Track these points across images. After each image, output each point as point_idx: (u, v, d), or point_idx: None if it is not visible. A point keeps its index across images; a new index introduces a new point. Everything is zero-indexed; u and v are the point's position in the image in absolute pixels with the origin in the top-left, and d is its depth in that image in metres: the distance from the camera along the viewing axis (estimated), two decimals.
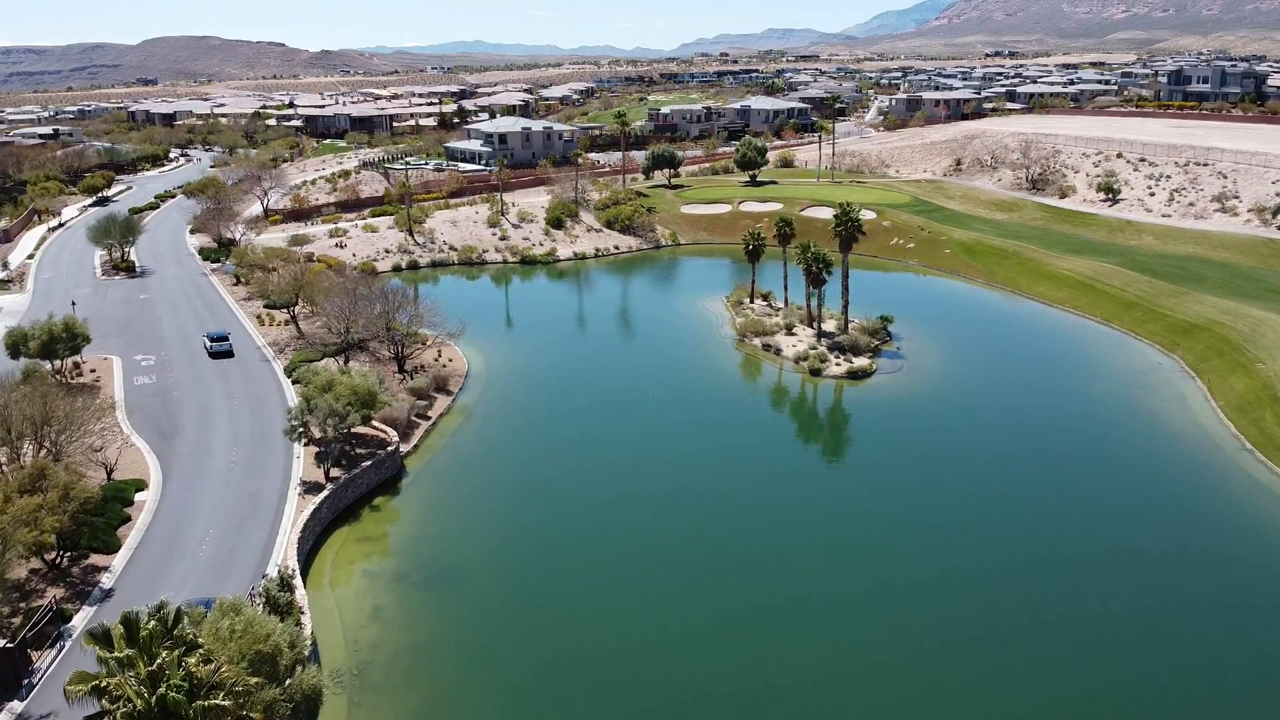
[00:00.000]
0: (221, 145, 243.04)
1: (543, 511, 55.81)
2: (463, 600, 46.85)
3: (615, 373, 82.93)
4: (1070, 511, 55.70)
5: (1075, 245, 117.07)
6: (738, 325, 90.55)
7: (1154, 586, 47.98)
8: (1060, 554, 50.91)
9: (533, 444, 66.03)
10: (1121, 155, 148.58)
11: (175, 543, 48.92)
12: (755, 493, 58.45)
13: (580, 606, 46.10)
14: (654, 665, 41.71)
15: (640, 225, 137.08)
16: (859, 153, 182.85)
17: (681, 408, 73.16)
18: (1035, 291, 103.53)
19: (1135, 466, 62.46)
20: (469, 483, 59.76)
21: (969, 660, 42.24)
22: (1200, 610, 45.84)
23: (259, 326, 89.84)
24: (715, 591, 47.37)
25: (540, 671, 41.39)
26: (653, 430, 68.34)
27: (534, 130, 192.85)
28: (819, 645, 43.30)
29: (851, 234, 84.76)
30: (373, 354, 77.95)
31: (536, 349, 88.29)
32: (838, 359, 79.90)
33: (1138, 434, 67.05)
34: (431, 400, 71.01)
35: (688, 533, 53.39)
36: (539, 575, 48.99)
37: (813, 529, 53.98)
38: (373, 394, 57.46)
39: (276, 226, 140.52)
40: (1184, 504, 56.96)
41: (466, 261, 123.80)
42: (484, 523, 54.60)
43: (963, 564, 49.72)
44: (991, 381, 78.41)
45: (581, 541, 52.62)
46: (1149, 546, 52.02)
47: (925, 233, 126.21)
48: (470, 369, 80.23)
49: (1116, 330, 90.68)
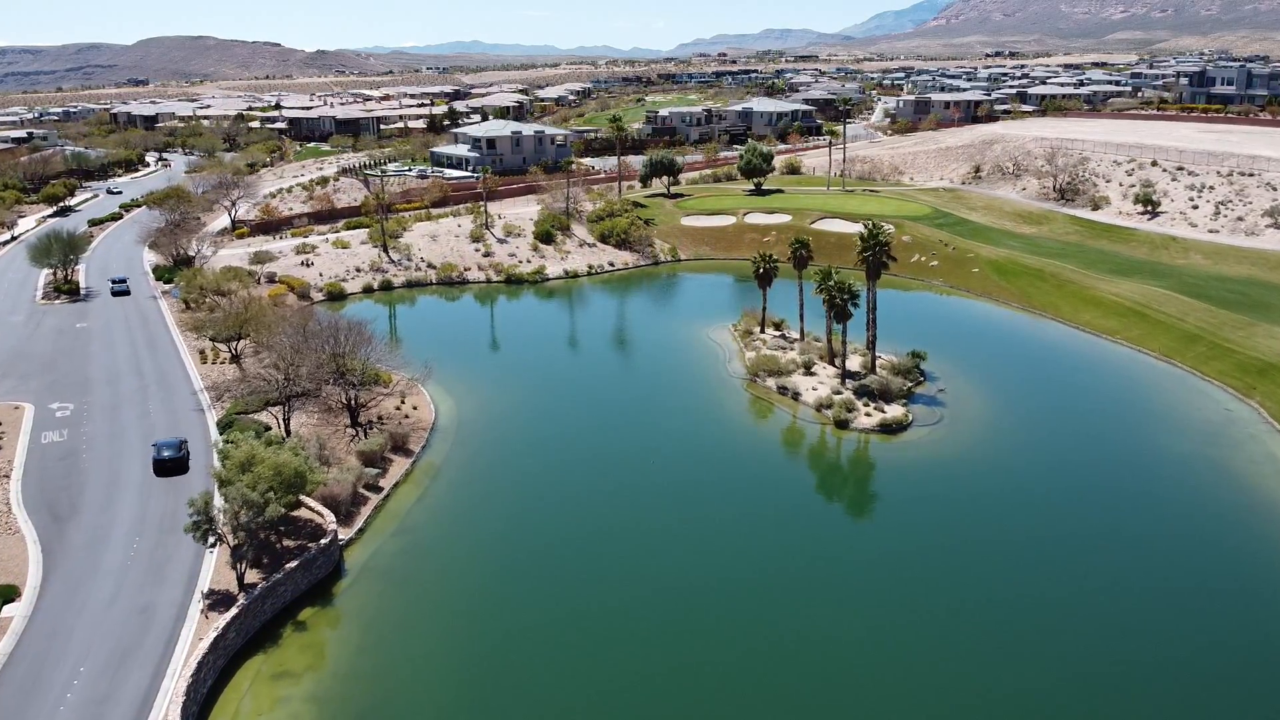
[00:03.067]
0: (200, 149, 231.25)
1: (517, 623, 44.43)
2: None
3: (608, 421, 71.42)
4: (1162, 620, 44.60)
5: (1117, 265, 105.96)
6: (748, 362, 79.32)
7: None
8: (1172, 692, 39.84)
9: (505, 522, 54.53)
10: (1157, 163, 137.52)
11: (35, 687, 37.62)
12: (783, 594, 47.20)
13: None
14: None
15: (637, 239, 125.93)
16: (870, 158, 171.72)
17: (687, 466, 61.93)
18: (1080, 319, 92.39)
19: (1232, 556, 51.20)
20: (423, 585, 47.97)
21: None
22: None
23: (201, 364, 78.65)
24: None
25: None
26: (654, 502, 57.11)
27: (525, 134, 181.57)
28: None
29: (879, 259, 73.49)
30: (323, 402, 66.61)
31: (516, 390, 76.79)
32: (866, 407, 68.64)
33: (1229, 508, 55.82)
34: (386, 465, 59.62)
35: (701, 656, 42.20)
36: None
37: (850, 650, 42.83)
38: (301, 475, 46.18)
39: (242, 240, 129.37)
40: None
41: (446, 281, 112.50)
42: (441, 647, 43.03)
43: (1035, 688, 38.64)
44: (1047, 438, 66.74)
45: (567, 672, 41.36)
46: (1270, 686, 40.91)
47: (950, 249, 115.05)
48: (437, 418, 68.86)
49: (1179, 368, 79.59)
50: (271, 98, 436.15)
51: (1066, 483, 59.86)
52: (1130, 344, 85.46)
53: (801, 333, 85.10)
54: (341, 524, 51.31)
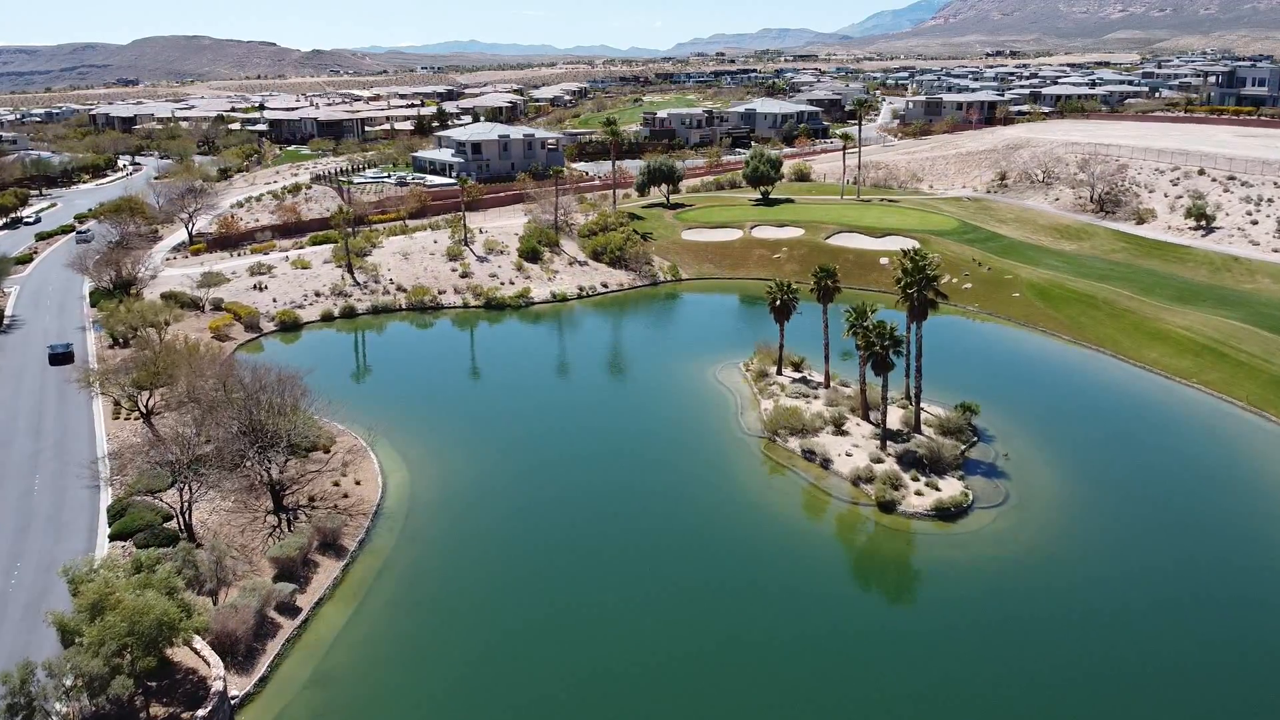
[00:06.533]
0: (174, 153, 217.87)
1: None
2: None
3: (599, 500, 58.00)
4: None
5: (1177, 290, 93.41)
6: (766, 415, 66.56)
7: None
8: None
9: (462, 666, 41.67)
10: (1204, 172, 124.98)
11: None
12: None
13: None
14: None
15: (633, 256, 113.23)
16: (885, 164, 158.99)
17: (695, 564, 49.28)
18: (1144, 357, 79.81)
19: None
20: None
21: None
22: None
23: (113, 419, 65.99)
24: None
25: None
26: (655, 620, 44.55)
27: (513, 138, 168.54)
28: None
29: (925, 297, 60.67)
30: (246, 475, 53.86)
31: (485, 453, 63.31)
32: (916, 481, 55.87)
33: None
34: (309, 572, 46.71)
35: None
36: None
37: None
38: (167, 626, 33.48)
39: (197, 257, 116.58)
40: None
41: (418, 306, 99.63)
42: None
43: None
44: (1137, 525, 53.42)
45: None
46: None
47: (984, 269, 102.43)
48: (384, 498, 55.76)
49: (1272, 422, 67.11)
50: (260, 98, 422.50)
51: (1171, 592, 47.26)
52: (1210, 390, 72.87)
53: (826, 376, 72.44)
54: (238, 670, 38.62)
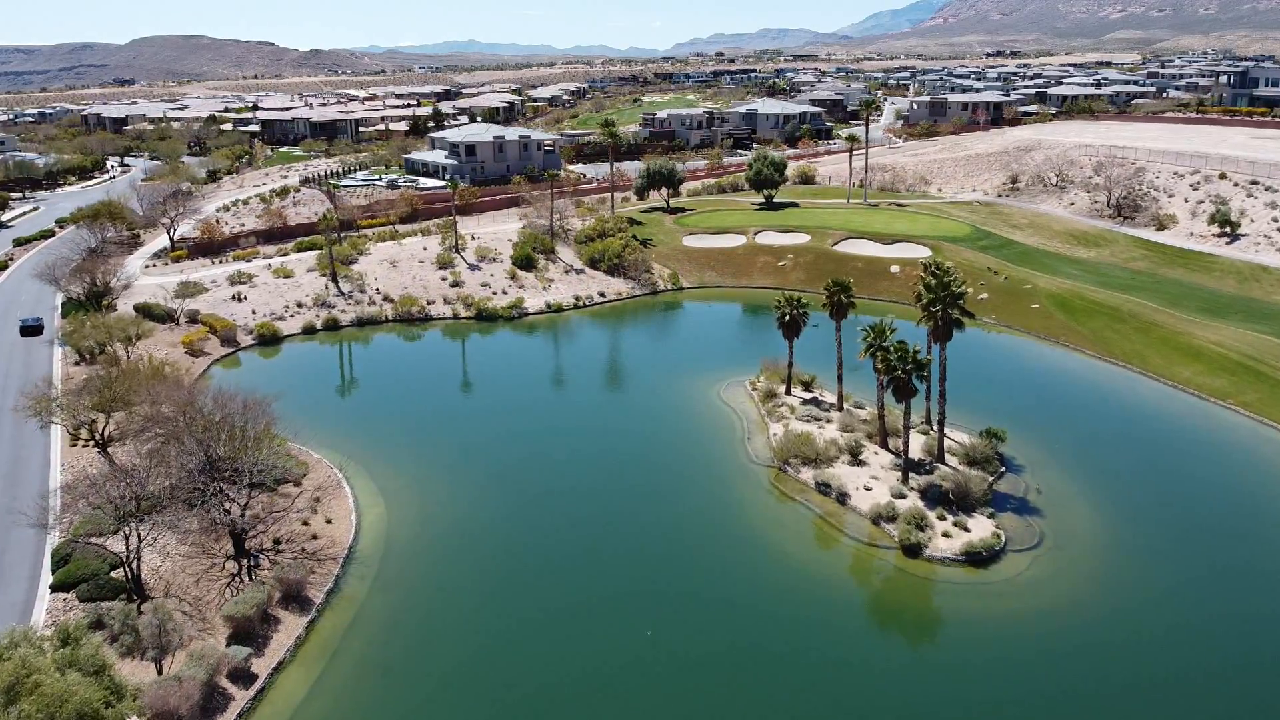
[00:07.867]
0: (163, 154, 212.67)
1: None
2: None
3: (595, 539, 53.07)
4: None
5: (1205, 302, 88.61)
6: (775, 441, 61.66)
7: None
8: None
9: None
10: (1225, 176, 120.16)
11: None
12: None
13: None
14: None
15: (632, 264, 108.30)
16: (892, 166, 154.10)
17: (699, 614, 44.43)
18: (1176, 375, 74.92)
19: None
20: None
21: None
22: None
23: (71, 445, 61.10)
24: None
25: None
26: (656, 693, 39.70)
27: (508, 140, 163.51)
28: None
29: (950, 316, 55.74)
30: (208, 512, 48.88)
31: (471, 483, 58.34)
32: (942, 520, 50.92)
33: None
34: (270, 630, 41.73)
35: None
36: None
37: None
38: (89, 717, 28.55)
39: (178, 264, 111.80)
40: None
41: (405, 317, 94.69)
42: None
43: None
44: (1190, 569, 48.40)
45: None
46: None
47: (1001, 278, 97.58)
48: (357, 538, 50.71)
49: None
50: (255, 98, 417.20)
51: (1236, 654, 42.42)
52: (1249, 412, 67.94)
53: (840, 397, 67.48)
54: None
